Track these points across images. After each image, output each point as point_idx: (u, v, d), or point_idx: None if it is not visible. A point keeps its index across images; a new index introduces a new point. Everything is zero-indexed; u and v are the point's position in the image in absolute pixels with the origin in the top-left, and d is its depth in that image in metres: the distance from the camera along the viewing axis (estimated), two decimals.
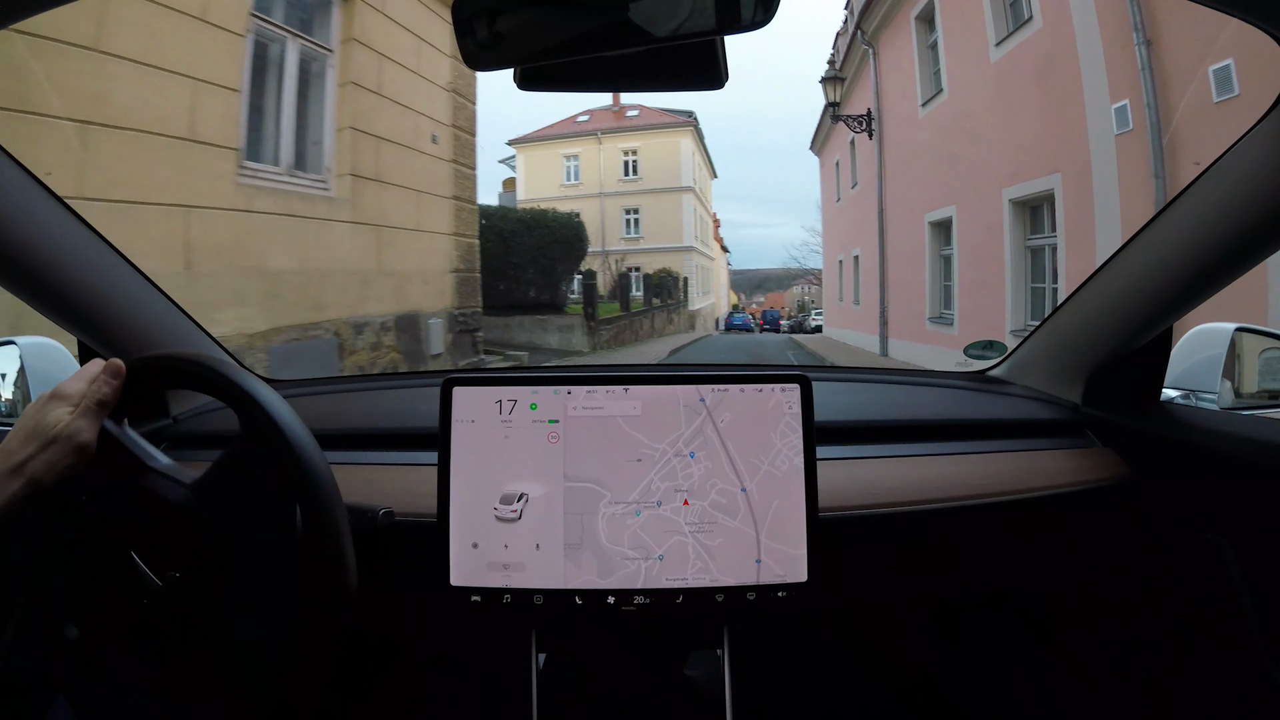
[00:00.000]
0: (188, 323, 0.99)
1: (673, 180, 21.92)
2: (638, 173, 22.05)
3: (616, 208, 21.93)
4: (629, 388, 0.75)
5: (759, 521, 0.73)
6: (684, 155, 22.01)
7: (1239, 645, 0.80)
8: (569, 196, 20.46)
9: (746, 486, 0.74)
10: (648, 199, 21.94)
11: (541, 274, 12.61)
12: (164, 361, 0.64)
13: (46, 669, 0.63)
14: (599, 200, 21.43)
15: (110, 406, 0.59)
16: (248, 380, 0.62)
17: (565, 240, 13.06)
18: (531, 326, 11.97)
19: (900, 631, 1.14)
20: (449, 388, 0.74)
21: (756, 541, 0.73)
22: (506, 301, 11.75)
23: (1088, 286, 0.96)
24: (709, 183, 27.90)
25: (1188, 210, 0.78)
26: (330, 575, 0.60)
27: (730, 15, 0.49)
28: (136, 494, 0.61)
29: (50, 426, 0.56)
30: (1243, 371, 1.02)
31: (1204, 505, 0.83)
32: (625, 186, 22.06)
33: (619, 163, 22.06)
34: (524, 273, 12.35)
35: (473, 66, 0.55)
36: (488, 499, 0.73)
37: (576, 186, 21.83)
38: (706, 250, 26.55)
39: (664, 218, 21.92)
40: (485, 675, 1.01)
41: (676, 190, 22.03)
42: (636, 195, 22.01)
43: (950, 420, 1.00)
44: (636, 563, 0.73)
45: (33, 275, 0.77)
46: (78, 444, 0.56)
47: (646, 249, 21.49)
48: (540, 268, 12.55)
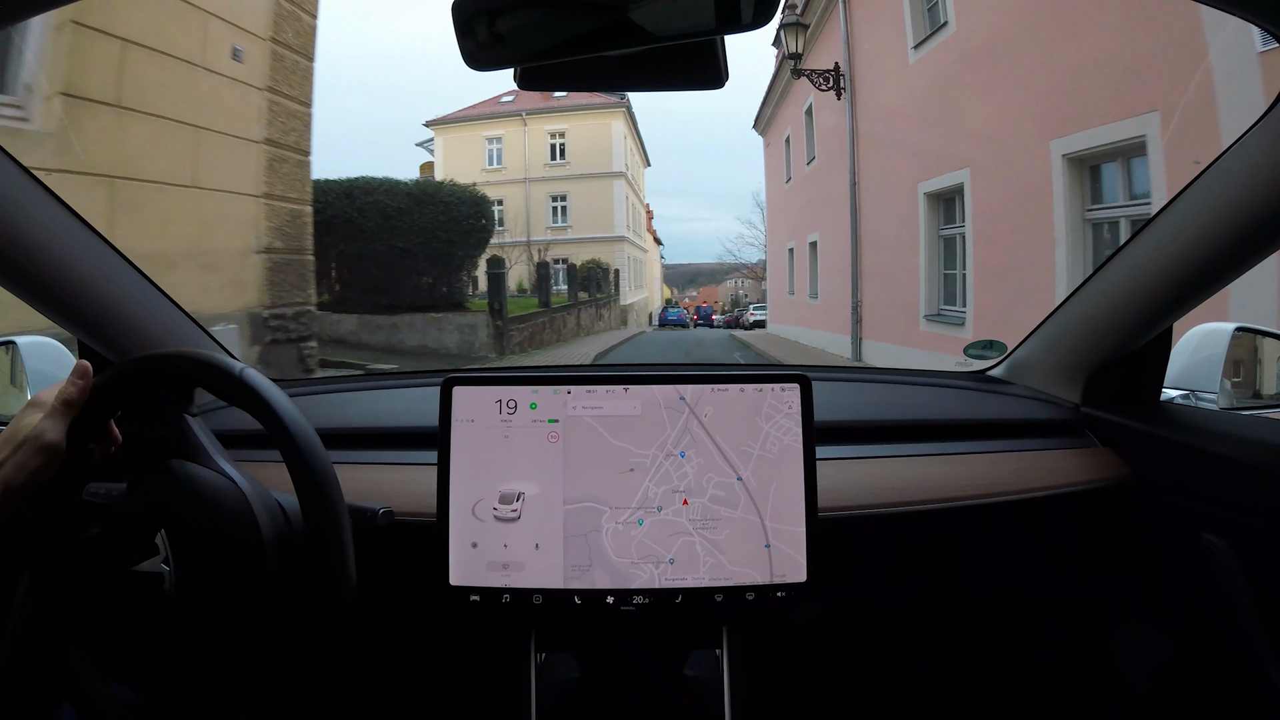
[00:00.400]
0: (188, 322, 0.99)
1: (603, 165, 20.29)
2: (565, 156, 20.33)
3: (542, 194, 20.33)
4: (629, 387, 0.75)
5: (761, 507, 0.73)
6: (615, 139, 20.46)
7: (1238, 646, 0.80)
8: (491, 182, 18.43)
9: (742, 475, 0.74)
10: (576, 185, 20.24)
11: (435, 262, 10.30)
12: (169, 360, 0.64)
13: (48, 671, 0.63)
14: (524, 186, 19.98)
15: (78, 406, 0.60)
16: (253, 378, 0.62)
17: (465, 220, 10.51)
18: (424, 326, 9.96)
19: (899, 631, 1.14)
20: (449, 387, 0.74)
21: (762, 527, 0.73)
22: (392, 297, 9.77)
23: (1087, 286, 0.96)
24: (642, 171, 26.21)
25: (1188, 209, 0.78)
26: (330, 575, 0.60)
27: (730, 15, 0.49)
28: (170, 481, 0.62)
29: (22, 431, 0.58)
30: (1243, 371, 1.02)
31: (1204, 505, 0.83)
32: (552, 171, 20.39)
33: (545, 145, 20.36)
34: (413, 260, 10.10)
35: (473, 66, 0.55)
36: (487, 499, 0.73)
37: (500, 171, 20.08)
38: (639, 241, 24.90)
39: (594, 205, 20.24)
40: (484, 675, 1.01)
41: (607, 176, 20.43)
42: (564, 181, 20.33)
43: (950, 420, 1.00)
44: (649, 570, 0.73)
45: (33, 275, 0.77)
46: (44, 444, 0.57)
47: (575, 239, 19.78)
48: (434, 254, 10.20)
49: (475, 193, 11.10)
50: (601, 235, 20.34)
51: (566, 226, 20.50)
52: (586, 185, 20.28)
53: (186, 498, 0.62)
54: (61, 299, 0.81)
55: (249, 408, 0.62)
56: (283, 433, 0.60)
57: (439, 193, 10.60)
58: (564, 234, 20.24)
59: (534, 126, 20.27)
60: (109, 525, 0.61)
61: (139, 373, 0.64)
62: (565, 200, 20.54)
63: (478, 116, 20.63)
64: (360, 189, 9.95)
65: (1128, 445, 0.93)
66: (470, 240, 10.84)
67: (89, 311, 0.84)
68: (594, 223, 20.33)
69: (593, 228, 20.27)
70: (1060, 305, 1.02)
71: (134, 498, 0.63)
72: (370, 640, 1.03)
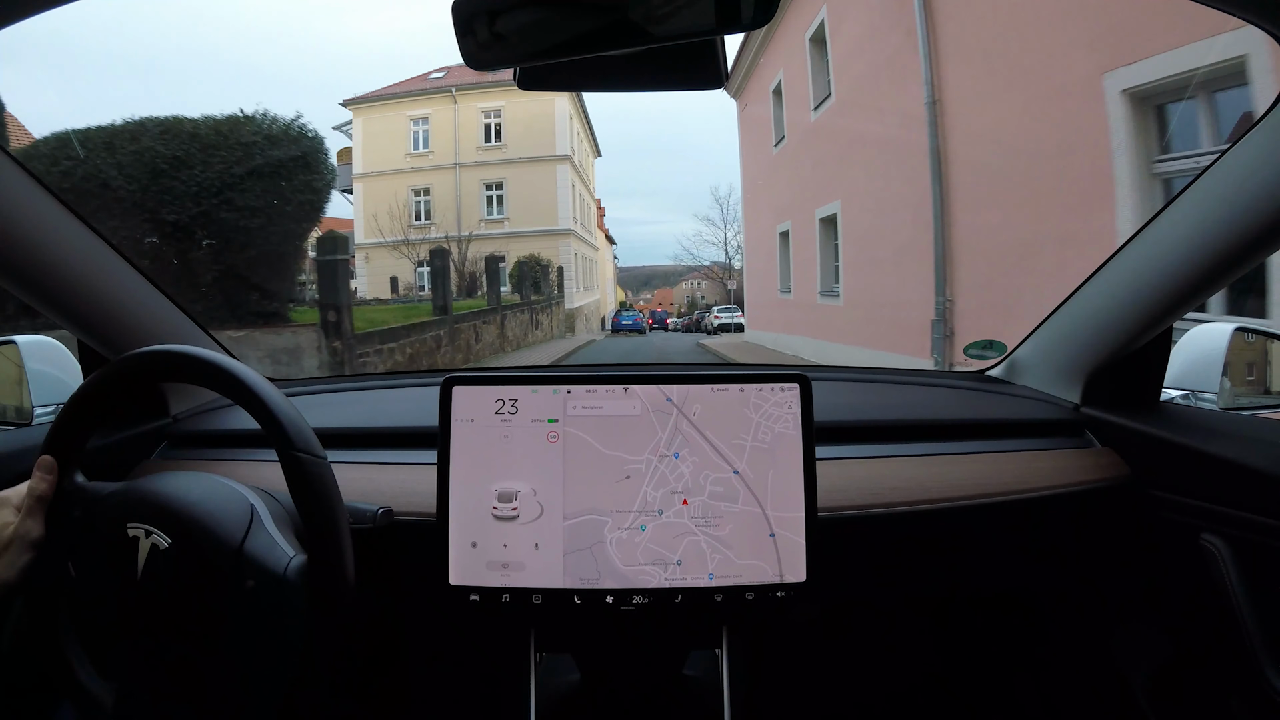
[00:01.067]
0: (188, 322, 0.99)
1: (545, 148, 17.67)
2: (502, 138, 17.59)
3: (475, 182, 17.52)
4: (629, 388, 0.75)
5: (761, 498, 0.73)
6: (559, 119, 17.93)
7: (1237, 646, 0.80)
8: (417, 168, 17.00)
9: (738, 468, 0.74)
10: (515, 171, 17.52)
11: (231, 242, 6.25)
12: (171, 356, 0.64)
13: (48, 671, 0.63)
14: (453, 172, 17.30)
15: (48, 500, 0.62)
16: (250, 376, 0.62)
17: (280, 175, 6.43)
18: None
19: (899, 631, 1.14)
20: (449, 387, 0.74)
21: (765, 517, 0.73)
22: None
23: (1087, 286, 0.96)
24: (591, 161, 23.29)
25: (1188, 210, 0.78)
26: (329, 575, 0.60)
27: (730, 15, 0.49)
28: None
29: (4, 534, 0.60)
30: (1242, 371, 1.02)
31: (1204, 505, 0.83)
32: (486, 155, 17.61)
33: (479, 126, 17.60)
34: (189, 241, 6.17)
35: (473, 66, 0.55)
36: (487, 498, 0.73)
37: (426, 156, 17.44)
38: (589, 237, 21.90)
39: (535, 194, 17.64)
40: (484, 675, 1.01)
41: (550, 160, 17.78)
42: (501, 166, 17.54)
43: (949, 420, 1.00)
44: (657, 574, 0.73)
45: (33, 275, 0.77)
46: (30, 542, 0.61)
47: (512, 233, 17.08)
48: (228, 230, 6.19)
49: (302, 130, 6.75)
50: (544, 229, 17.66)
51: (503, 218, 17.74)
52: (526, 171, 17.53)
53: (169, 495, 0.62)
54: (61, 299, 0.81)
55: (247, 405, 0.62)
56: (279, 431, 0.60)
57: (238, 132, 6.40)
58: (501, 227, 17.46)
59: (466, 104, 17.37)
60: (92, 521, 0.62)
61: (137, 368, 0.64)
62: (501, 188, 17.69)
63: (401, 94, 17.72)
64: (125, 135, 6.14)
65: (1127, 445, 0.93)
66: (292, 207, 6.52)
67: (89, 311, 0.84)
68: (535, 214, 17.69)
69: (534, 219, 17.64)
70: (1060, 305, 1.02)
71: (119, 492, 0.64)
72: (370, 640, 1.03)
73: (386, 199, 16.65)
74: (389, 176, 16.99)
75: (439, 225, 16.59)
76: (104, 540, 0.61)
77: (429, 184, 17.33)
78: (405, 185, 17.21)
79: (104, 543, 0.61)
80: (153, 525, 0.60)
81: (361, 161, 17.25)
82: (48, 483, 0.62)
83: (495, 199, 17.84)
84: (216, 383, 0.63)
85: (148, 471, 0.90)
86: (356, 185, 17.17)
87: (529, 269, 14.80)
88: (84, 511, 0.63)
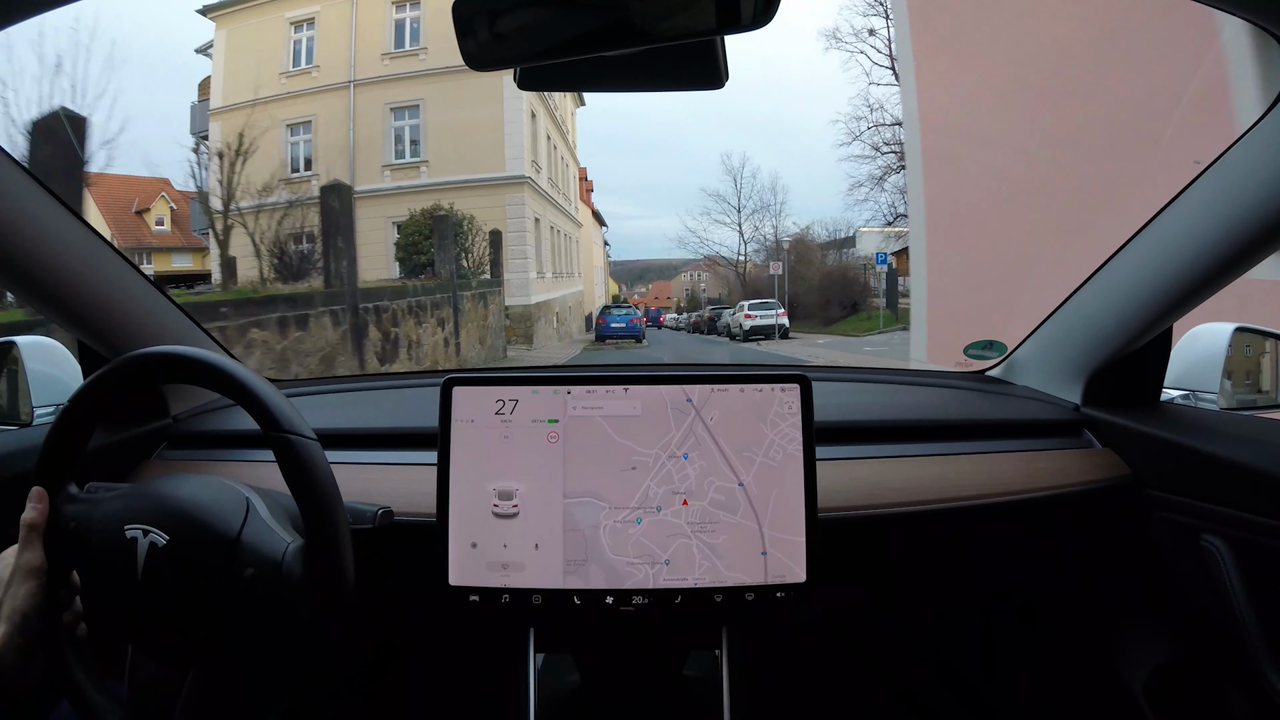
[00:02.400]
0: (187, 322, 0.99)
1: None
2: (420, 40, 11.86)
3: (377, 108, 11.89)
4: (629, 388, 0.75)
5: (760, 514, 0.73)
6: None
7: (1237, 647, 0.80)
8: (298, 91, 11.70)
9: (744, 481, 0.74)
10: (439, 88, 11.47)
11: None
12: (173, 357, 0.64)
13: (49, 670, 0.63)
14: (348, 94, 11.85)
15: (41, 528, 0.63)
16: (249, 377, 0.63)
17: None
18: None
19: (899, 632, 1.14)
20: (449, 387, 0.74)
21: (760, 534, 0.73)
22: None
23: (1087, 286, 0.96)
24: (572, 111, 17.02)
25: (1188, 210, 0.78)
26: (329, 575, 0.60)
27: (730, 15, 0.49)
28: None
29: (8, 569, 0.61)
30: (1243, 371, 1.02)
31: (1204, 506, 0.83)
32: (398, 66, 11.91)
33: (386, 25, 11.97)
34: None
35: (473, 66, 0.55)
36: (486, 498, 0.73)
37: (309, 74, 12.01)
38: (563, 203, 15.71)
39: (470, 124, 11.57)
40: (483, 675, 1.01)
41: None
42: (418, 81, 11.73)
43: (950, 420, 1.00)
44: (643, 569, 0.73)
45: (33, 275, 0.77)
46: (33, 569, 0.61)
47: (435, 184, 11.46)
48: None
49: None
50: (483, 177, 11.65)
51: (419, 162, 11.84)
52: (457, 88, 11.18)
53: (165, 495, 0.62)
54: (61, 299, 0.81)
55: (247, 406, 0.62)
56: (268, 416, 0.60)
57: None
58: (415, 176, 11.69)
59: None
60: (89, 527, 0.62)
61: (138, 368, 0.64)
62: (418, 114, 11.80)
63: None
64: None
65: (1127, 445, 0.93)
66: None
67: (89, 311, 0.84)
68: (470, 155, 11.69)
69: (467, 163, 11.65)
70: (1060, 305, 1.02)
71: (115, 498, 0.64)
72: (370, 641, 1.03)
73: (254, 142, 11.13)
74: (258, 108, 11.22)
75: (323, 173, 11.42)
76: (103, 545, 0.61)
77: (311, 114, 11.67)
78: (279, 120, 11.70)
79: (103, 548, 0.61)
80: (150, 525, 0.60)
81: (222, 92, 11.72)
82: (38, 511, 0.63)
83: (408, 136, 11.83)
84: (215, 382, 0.63)
85: (148, 472, 0.90)
86: (214, 125, 11.60)
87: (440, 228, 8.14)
88: (80, 521, 0.63)
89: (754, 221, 23.54)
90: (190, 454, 0.94)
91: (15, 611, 0.59)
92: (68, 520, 0.63)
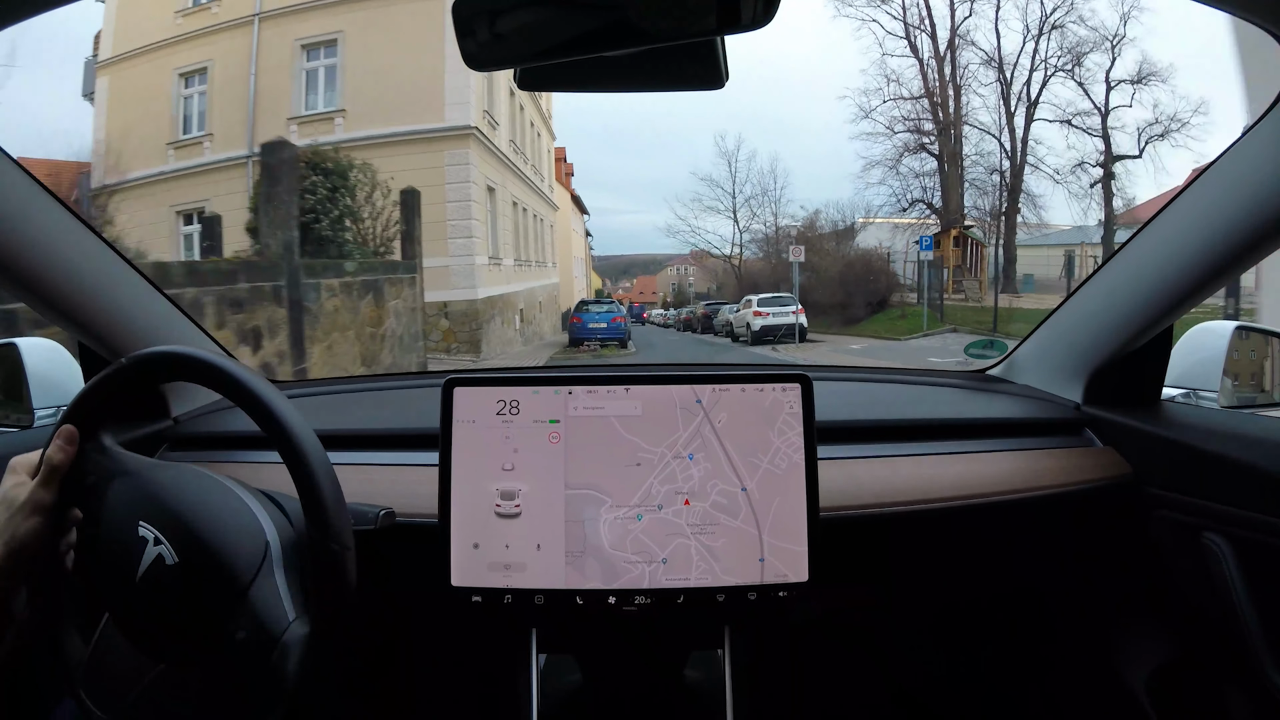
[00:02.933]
0: (187, 322, 0.99)
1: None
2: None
3: (286, 46, 9.65)
4: (630, 388, 0.75)
5: (761, 520, 0.73)
6: None
7: (1238, 645, 0.80)
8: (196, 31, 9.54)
9: (747, 486, 0.74)
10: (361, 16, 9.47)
11: None
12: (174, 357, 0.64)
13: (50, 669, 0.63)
14: (251, 31, 9.62)
15: (63, 470, 0.62)
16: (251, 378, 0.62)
17: None
18: None
19: (900, 631, 1.14)
20: (450, 388, 0.74)
21: (759, 540, 0.73)
22: None
23: (1088, 285, 0.96)
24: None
25: (1188, 209, 0.78)
26: (331, 576, 0.60)
27: (730, 15, 0.49)
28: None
29: (15, 499, 0.61)
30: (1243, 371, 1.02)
31: (1205, 504, 0.83)
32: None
33: None
34: None
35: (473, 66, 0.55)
36: (488, 499, 0.73)
37: (207, 9, 9.76)
38: (529, 173, 13.24)
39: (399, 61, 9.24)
40: (486, 676, 1.01)
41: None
42: (334, 9, 9.55)
43: (950, 420, 1.00)
44: (640, 567, 0.73)
45: (33, 276, 0.77)
46: (41, 507, 0.61)
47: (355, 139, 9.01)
48: None
49: None
50: (417, 129, 9.32)
51: (335, 112, 9.51)
52: (383, 16, 9.32)
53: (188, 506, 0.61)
54: (61, 299, 0.81)
55: (249, 408, 0.62)
56: (281, 433, 0.60)
57: None
58: (329, 130, 9.26)
59: None
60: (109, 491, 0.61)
61: (139, 370, 0.64)
62: (335, 52, 9.57)
63: None
64: None
65: (1128, 444, 0.93)
66: None
67: (89, 311, 0.84)
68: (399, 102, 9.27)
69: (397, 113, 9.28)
70: (1061, 304, 1.02)
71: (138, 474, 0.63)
72: (371, 641, 1.03)
73: (143, 99, 9.51)
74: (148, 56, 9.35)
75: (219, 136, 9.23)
76: (112, 523, 0.60)
77: (207, 59, 9.48)
78: (170, 69, 9.73)
79: (112, 525, 0.60)
80: (164, 533, 0.58)
81: (114, 38, 9.64)
82: (65, 453, 0.62)
83: (323, 76, 9.48)
84: (223, 387, 0.62)
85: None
86: (100, 82, 9.84)
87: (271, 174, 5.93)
88: (99, 479, 0.62)
89: (750, 207, 19.96)
90: (191, 455, 0.94)
91: (15, 539, 0.59)
92: (87, 473, 0.62)
